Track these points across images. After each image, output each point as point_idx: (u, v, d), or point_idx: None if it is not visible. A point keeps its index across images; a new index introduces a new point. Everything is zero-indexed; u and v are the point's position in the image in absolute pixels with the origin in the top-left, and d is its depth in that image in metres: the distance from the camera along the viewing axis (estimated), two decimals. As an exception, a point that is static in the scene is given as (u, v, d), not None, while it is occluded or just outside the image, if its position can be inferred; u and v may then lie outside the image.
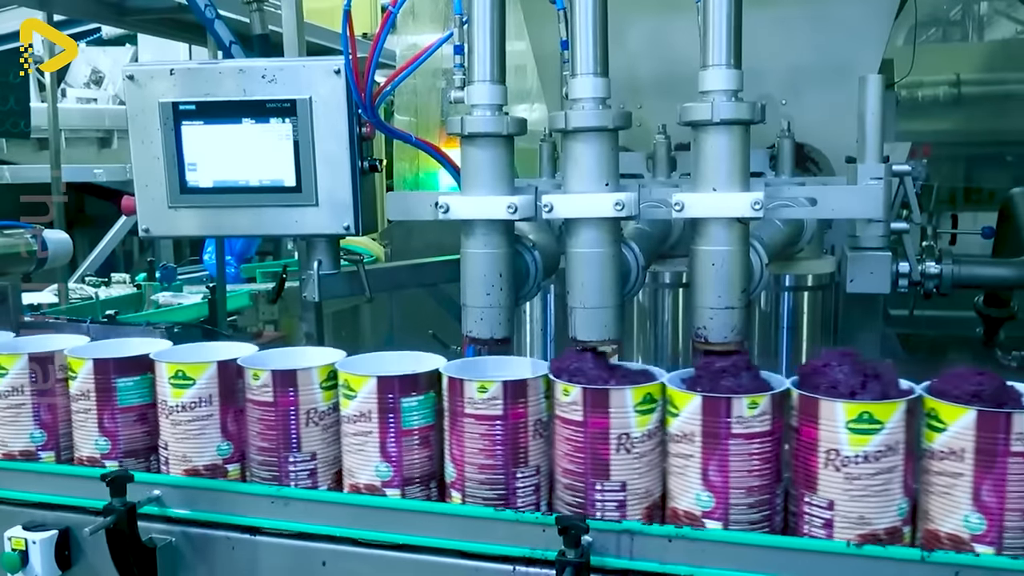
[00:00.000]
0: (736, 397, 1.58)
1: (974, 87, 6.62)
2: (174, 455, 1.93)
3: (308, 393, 1.84)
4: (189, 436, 1.91)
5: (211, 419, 1.91)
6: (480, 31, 1.81)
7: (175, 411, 1.90)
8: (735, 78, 1.69)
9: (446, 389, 1.75)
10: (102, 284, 6.41)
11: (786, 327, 2.68)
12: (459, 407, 1.72)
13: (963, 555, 1.53)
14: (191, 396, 1.89)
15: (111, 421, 1.97)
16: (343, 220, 2.13)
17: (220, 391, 1.90)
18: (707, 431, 1.58)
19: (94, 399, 1.96)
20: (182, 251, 10.03)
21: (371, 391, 1.75)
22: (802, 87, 2.87)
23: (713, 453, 1.59)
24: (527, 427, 1.72)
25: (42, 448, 2.04)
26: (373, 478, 1.78)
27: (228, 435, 1.93)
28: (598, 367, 1.72)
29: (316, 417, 1.84)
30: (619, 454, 1.64)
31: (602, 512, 1.65)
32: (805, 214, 1.96)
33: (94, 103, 10.76)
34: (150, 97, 2.12)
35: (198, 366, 1.89)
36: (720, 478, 1.59)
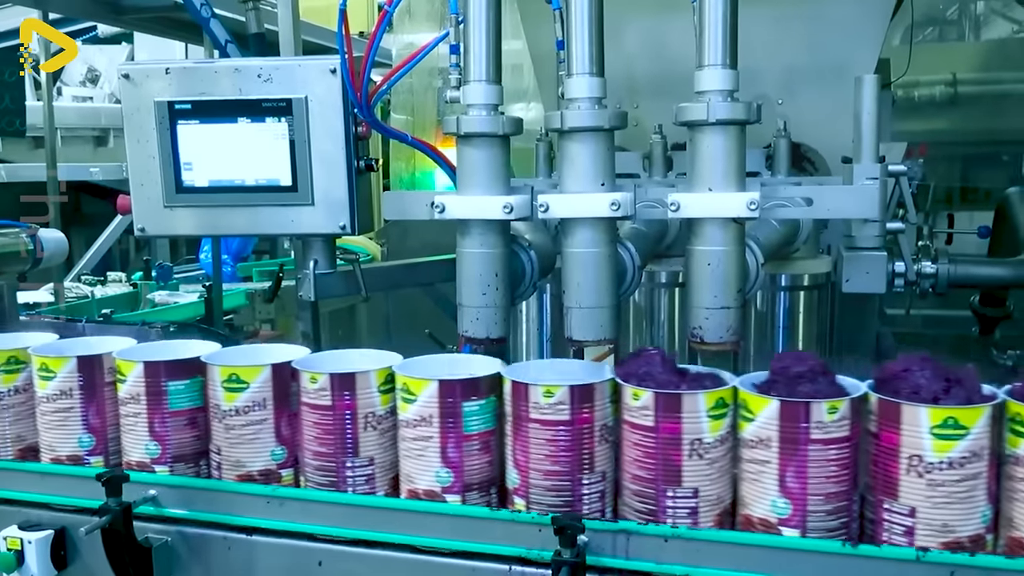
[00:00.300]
0: (816, 401, 1.54)
1: (970, 87, 6.63)
2: (227, 460, 1.88)
3: (366, 397, 1.80)
4: (243, 441, 1.86)
5: (265, 423, 1.86)
6: (476, 31, 1.81)
7: (228, 415, 1.86)
8: (731, 78, 1.69)
9: (509, 393, 1.71)
10: (98, 283, 6.39)
11: (782, 327, 2.68)
12: (524, 412, 1.68)
13: (958, 555, 1.53)
14: (245, 400, 1.84)
15: (162, 425, 1.92)
16: (339, 219, 2.13)
17: (274, 395, 1.85)
18: (785, 436, 1.55)
19: (144, 403, 1.91)
20: (178, 250, 10.02)
21: (432, 395, 1.72)
22: (798, 87, 2.87)
23: (791, 459, 1.55)
24: (593, 432, 1.68)
25: (90, 453, 1.99)
26: (433, 484, 1.75)
27: (282, 439, 1.88)
28: (667, 370, 1.68)
29: (374, 421, 1.80)
30: (691, 460, 1.60)
31: (673, 519, 1.62)
32: (801, 214, 1.96)
33: (90, 102, 10.75)
34: (146, 96, 2.11)
35: (252, 369, 1.85)
36: (798, 484, 1.56)
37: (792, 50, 2.86)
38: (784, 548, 1.60)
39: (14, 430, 2.06)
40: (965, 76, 6.62)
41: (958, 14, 7.58)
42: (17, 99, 5.11)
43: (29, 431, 2.07)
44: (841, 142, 2.83)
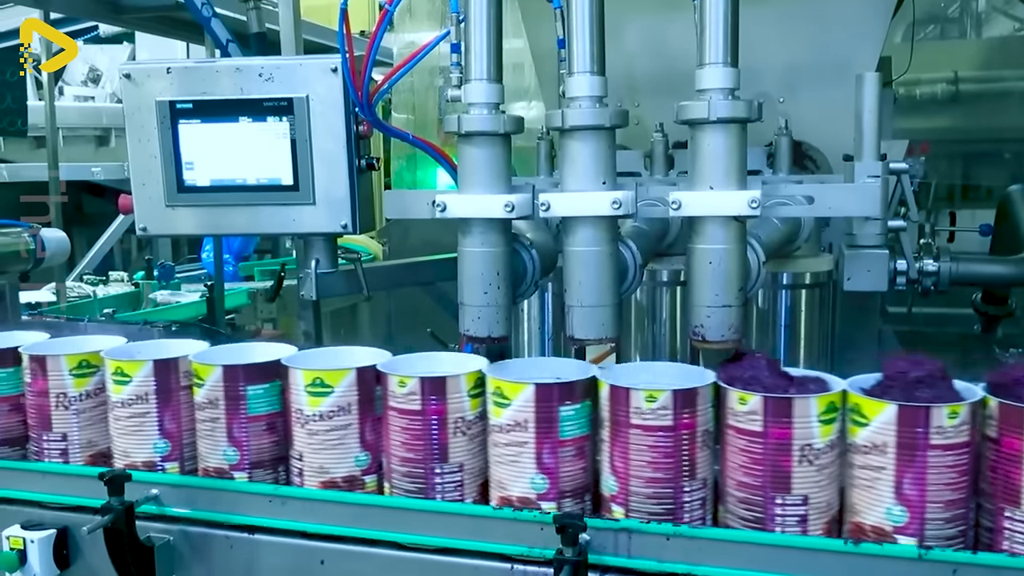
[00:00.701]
0: (936, 406, 1.50)
1: (972, 84, 6.62)
2: (310, 466, 1.85)
3: (456, 401, 1.76)
4: (327, 446, 1.83)
5: (350, 428, 1.83)
6: (477, 30, 1.81)
7: (312, 420, 1.82)
8: (732, 76, 1.68)
9: (607, 398, 1.68)
10: (100, 282, 6.41)
11: (783, 325, 2.68)
12: (624, 417, 1.64)
13: (960, 553, 1.53)
14: (330, 404, 1.80)
15: (240, 430, 1.89)
16: (340, 219, 2.13)
17: (359, 399, 1.82)
18: (902, 442, 1.51)
19: (223, 407, 1.89)
20: (180, 249, 10.04)
21: (528, 399, 1.68)
22: (800, 85, 2.86)
23: (909, 465, 1.52)
24: (696, 438, 1.65)
25: (166, 459, 1.97)
26: (527, 491, 1.71)
27: (366, 445, 1.84)
28: (774, 374, 1.65)
29: (464, 426, 1.77)
30: (801, 466, 1.57)
31: (783, 527, 1.60)
32: (802, 212, 1.95)
33: (91, 101, 10.76)
34: (147, 96, 2.12)
35: (337, 373, 1.81)
36: (916, 492, 1.52)
37: (794, 48, 2.85)
38: (786, 547, 1.60)
39: (85, 435, 2.04)
40: (966, 74, 6.61)
41: (959, 12, 7.57)
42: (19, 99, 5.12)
43: (100, 436, 2.04)
44: (843, 140, 2.82)
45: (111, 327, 2.63)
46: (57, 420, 2.03)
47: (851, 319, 2.79)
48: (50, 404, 2.03)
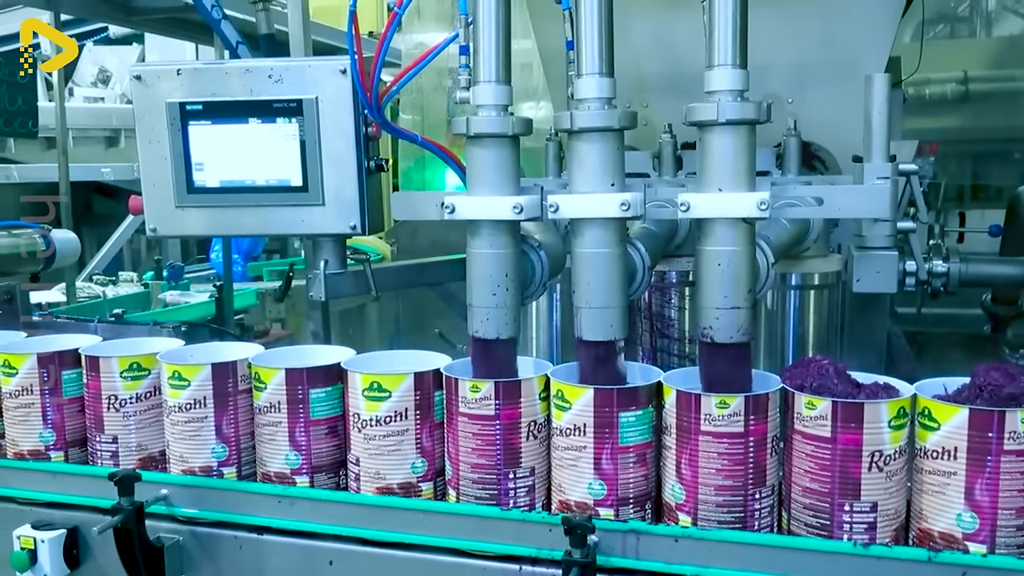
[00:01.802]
0: (1010, 410, 1.50)
1: (982, 84, 6.59)
2: (366, 472, 1.86)
3: (530, 405, 1.77)
4: (383, 452, 1.83)
5: (407, 434, 1.83)
6: (485, 31, 1.81)
7: (368, 425, 1.83)
8: (741, 78, 1.68)
9: (674, 404, 1.67)
10: (109, 283, 6.43)
11: (792, 326, 2.67)
12: (693, 424, 1.64)
13: (970, 555, 1.53)
14: (387, 409, 1.81)
15: (303, 434, 1.89)
16: (349, 219, 2.13)
17: (417, 404, 1.83)
18: (974, 447, 1.51)
19: (285, 411, 1.88)
20: (189, 250, 10.07)
21: (587, 404, 1.68)
22: (808, 85, 2.86)
23: (980, 471, 1.52)
24: (766, 444, 1.65)
25: (223, 463, 1.97)
26: (585, 496, 1.71)
27: (423, 451, 1.85)
28: (842, 380, 1.64)
29: (535, 430, 1.77)
30: (871, 472, 1.57)
31: (849, 534, 1.59)
32: (811, 214, 1.95)
33: (101, 102, 10.80)
34: (157, 97, 2.12)
35: (394, 377, 1.81)
36: (988, 498, 1.52)
37: (803, 48, 2.85)
38: (793, 548, 1.60)
39: (136, 439, 2.05)
40: (976, 73, 6.59)
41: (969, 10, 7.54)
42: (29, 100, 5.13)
43: (152, 440, 2.06)
44: (852, 141, 2.81)
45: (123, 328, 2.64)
46: (109, 422, 2.04)
47: (860, 320, 2.79)
48: (103, 406, 2.04)
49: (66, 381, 2.10)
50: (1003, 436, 1.50)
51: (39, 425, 2.10)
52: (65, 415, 2.10)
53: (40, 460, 2.09)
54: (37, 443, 2.11)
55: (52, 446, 2.10)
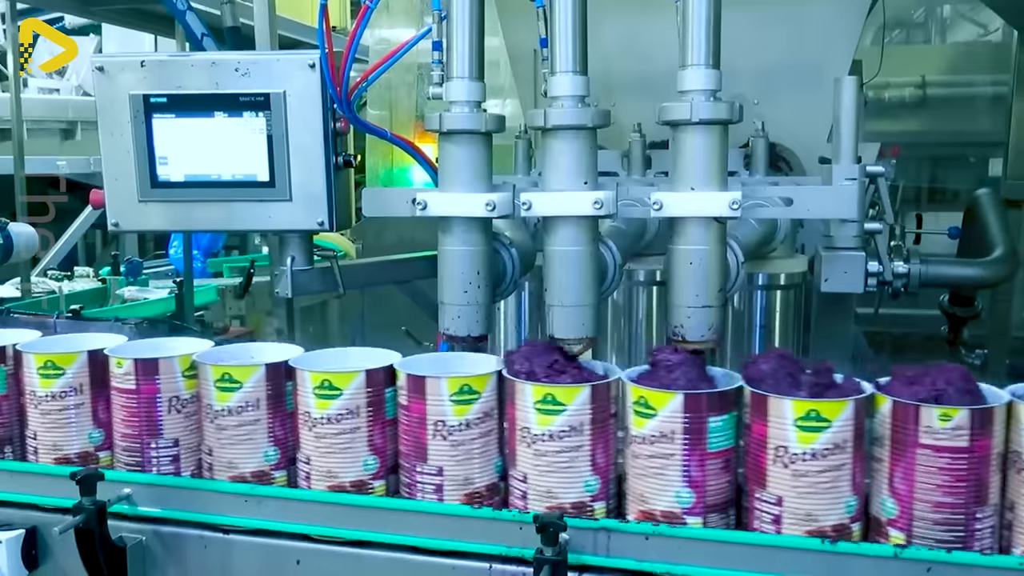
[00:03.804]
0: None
1: (939, 89, 6.72)
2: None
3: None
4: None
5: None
6: (459, 27, 1.81)
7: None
8: (714, 78, 1.69)
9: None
10: (64, 278, 6.30)
11: (759, 325, 2.70)
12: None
13: (935, 551, 1.55)
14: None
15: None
16: (317, 216, 2.11)
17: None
18: None
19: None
20: (146, 245, 9.91)
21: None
22: (774, 87, 2.89)
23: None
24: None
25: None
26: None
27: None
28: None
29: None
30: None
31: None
32: (782, 214, 1.97)
33: (56, 94, 10.57)
34: (120, 89, 2.08)
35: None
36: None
37: (768, 51, 2.88)
38: (764, 545, 1.61)
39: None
40: (934, 78, 6.71)
41: (925, 16, 7.69)
42: (-18, 91, 5.03)
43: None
44: (816, 142, 2.86)
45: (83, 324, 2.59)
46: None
47: (825, 320, 2.82)
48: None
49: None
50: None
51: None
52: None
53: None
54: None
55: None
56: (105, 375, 1.97)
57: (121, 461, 1.97)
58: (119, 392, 1.94)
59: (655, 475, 1.65)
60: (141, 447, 1.94)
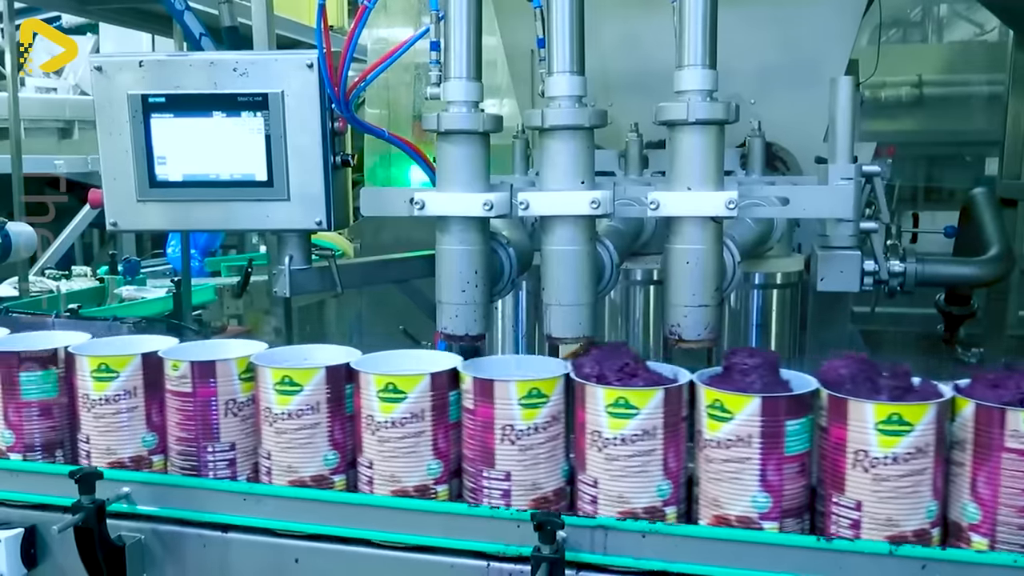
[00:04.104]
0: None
1: (936, 88, 6.74)
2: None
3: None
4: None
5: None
6: (457, 27, 1.81)
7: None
8: (710, 78, 1.70)
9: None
10: (62, 277, 6.30)
11: (755, 324, 2.71)
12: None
13: (930, 549, 1.56)
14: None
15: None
16: (315, 215, 2.11)
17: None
18: None
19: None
20: (143, 244, 9.90)
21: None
22: (770, 87, 2.90)
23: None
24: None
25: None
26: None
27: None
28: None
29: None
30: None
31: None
32: (778, 213, 1.98)
33: (54, 93, 10.56)
34: (118, 89, 2.08)
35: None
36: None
37: (765, 50, 2.89)
38: (759, 543, 1.62)
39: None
40: (930, 77, 6.73)
41: (921, 16, 7.70)
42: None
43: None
44: (813, 142, 2.87)
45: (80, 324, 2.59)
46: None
47: (821, 319, 2.83)
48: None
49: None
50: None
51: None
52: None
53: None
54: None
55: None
56: (159, 378, 1.94)
57: (176, 465, 1.93)
58: (175, 395, 1.91)
59: (730, 479, 1.62)
60: (197, 451, 1.90)
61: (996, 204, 3.52)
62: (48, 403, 1.99)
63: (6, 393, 1.97)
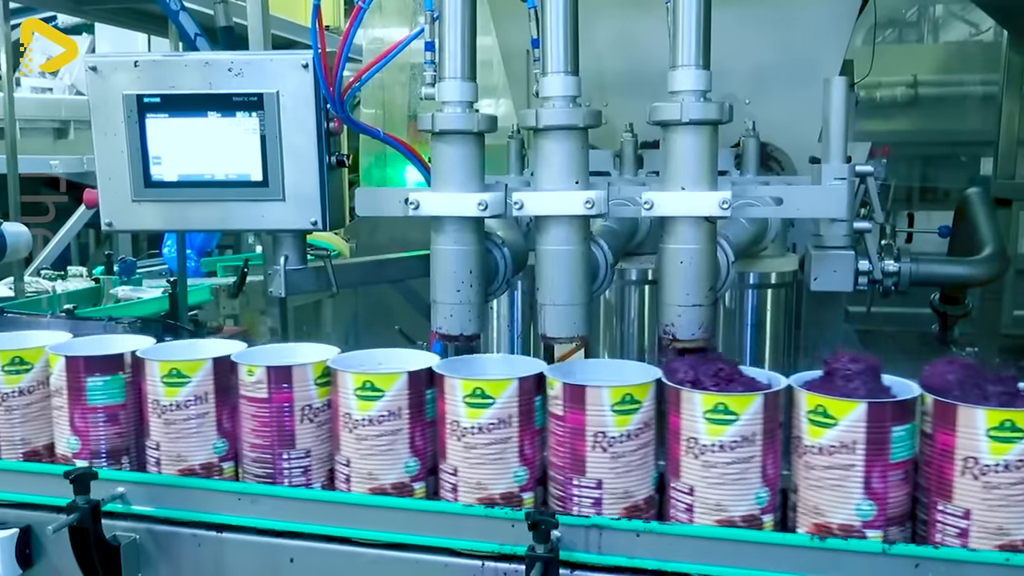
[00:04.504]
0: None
1: (931, 88, 6.75)
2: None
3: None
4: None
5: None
6: (451, 28, 1.81)
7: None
8: (704, 78, 1.71)
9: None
10: (58, 277, 6.30)
11: (750, 324, 2.71)
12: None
13: (923, 547, 1.56)
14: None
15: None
16: (310, 215, 2.11)
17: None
18: None
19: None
20: (139, 245, 9.89)
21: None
22: (765, 87, 2.90)
23: None
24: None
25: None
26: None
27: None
28: None
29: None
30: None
31: None
32: (771, 213, 1.98)
33: (49, 93, 10.54)
34: (113, 89, 2.09)
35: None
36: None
37: (759, 50, 2.89)
38: (753, 542, 1.62)
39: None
40: (926, 78, 6.74)
41: (917, 16, 7.72)
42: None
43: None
44: (808, 141, 2.87)
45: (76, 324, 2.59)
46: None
47: (815, 319, 2.84)
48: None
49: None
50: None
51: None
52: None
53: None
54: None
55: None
56: (230, 383, 1.90)
57: (250, 472, 1.89)
58: (249, 401, 1.86)
59: (833, 487, 1.59)
60: (272, 458, 1.86)
61: (990, 204, 3.53)
62: (115, 408, 1.96)
63: (72, 399, 1.94)
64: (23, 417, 2.02)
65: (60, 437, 1.99)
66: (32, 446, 2.04)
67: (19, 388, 2.00)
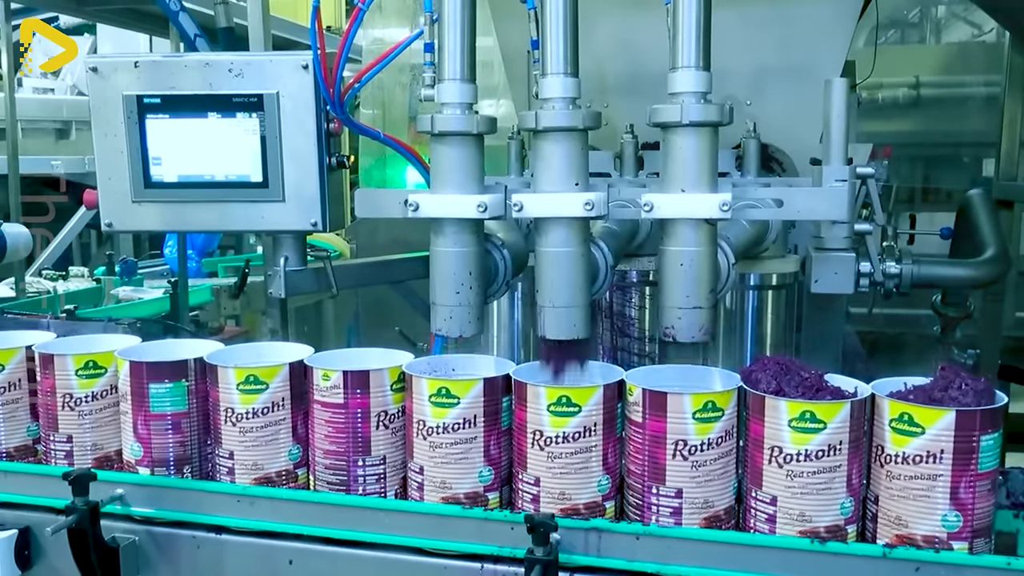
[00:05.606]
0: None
1: (933, 89, 6.74)
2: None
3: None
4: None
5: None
6: (451, 29, 1.81)
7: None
8: (704, 80, 1.70)
9: None
10: (59, 278, 6.30)
11: (751, 326, 2.71)
12: None
13: (923, 551, 1.56)
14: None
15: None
16: (310, 216, 2.11)
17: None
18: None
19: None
20: (141, 245, 9.89)
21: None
22: (766, 88, 2.89)
23: None
24: None
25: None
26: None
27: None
28: None
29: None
30: None
31: None
32: (772, 215, 1.97)
33: (51, 93, 10.54)
34: (114, 89, 2.09)
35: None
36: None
37: (761, 51, 2.88)
38: (753, 545, 1.62)
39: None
40: (928, 79, 6.73)
41: (920, 17, 7.71)
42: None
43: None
44: (809, 143, 2.86)
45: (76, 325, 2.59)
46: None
47: (816, 320, 2.83)
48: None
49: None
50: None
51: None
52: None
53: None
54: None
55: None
56: (303, 388, 1.87)
57: (324, 480, 1.86)
58: (324, 407, 1.83)
59: (918, 497, 1.57)
60: (347, 465, 1.83)
61: (992, 205, 3.52)
62: (178, 417, 1.93)
63: (135, 406, 1.92)
64: (95, 422, 2.01)
65: (126, 443, 1.97)
66: (104, 451, 2.02)
67: (92, 392, 1.99)
